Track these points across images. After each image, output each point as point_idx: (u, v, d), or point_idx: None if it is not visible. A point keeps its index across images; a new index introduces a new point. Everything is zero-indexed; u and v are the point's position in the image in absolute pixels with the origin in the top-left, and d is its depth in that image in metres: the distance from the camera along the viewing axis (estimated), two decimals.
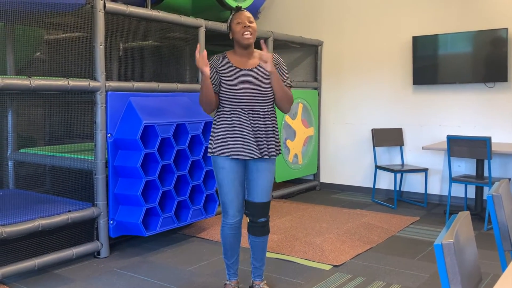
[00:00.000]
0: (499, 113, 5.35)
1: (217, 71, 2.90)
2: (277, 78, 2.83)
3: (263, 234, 3.00)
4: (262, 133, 2.87)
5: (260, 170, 2.91)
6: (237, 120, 2.85)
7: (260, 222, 2.96)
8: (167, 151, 3.96)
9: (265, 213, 2.97)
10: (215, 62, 2.92)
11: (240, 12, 2.89)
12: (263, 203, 2.94)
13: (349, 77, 6.33)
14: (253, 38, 2.87)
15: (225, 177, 2.89)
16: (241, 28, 2.84)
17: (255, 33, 2.87)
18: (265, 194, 2.94)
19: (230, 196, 2.91)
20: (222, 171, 2.89)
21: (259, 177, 2.91)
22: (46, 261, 3.44)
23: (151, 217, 3.91)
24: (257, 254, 3.05)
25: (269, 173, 2.94)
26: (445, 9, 5.61)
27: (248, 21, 2.85)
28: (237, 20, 2.86)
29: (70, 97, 4.15)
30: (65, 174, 4.05)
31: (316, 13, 6.56)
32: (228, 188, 2.90)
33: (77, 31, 4.32)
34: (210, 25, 4.67)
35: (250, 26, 2.84)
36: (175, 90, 4.33)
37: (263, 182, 2.92)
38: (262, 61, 2.72)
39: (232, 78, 2.86)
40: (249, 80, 2.86)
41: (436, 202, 5.76)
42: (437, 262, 1.41)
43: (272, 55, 2.95)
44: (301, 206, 5.48)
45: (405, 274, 3.49)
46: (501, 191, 2.11)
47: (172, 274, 3.50)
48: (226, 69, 2.88)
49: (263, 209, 2.95)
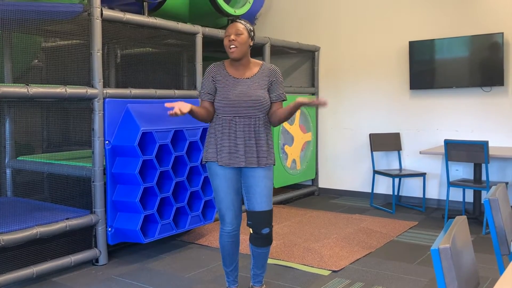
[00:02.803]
0: (496, 117, 5.36)
1: (213, 80, 2.91)
2: (295, 110, 2.85)
3: (267, 244, 2.95)
4: (253, 141, 2.86)
5: (256, 177, 2.88)
6: (227, 127, 2.86)
7: (263, 233, 2.90)
8: (165, 157, 3.96)
9: (268, 223, 2.91)
10: (212, 71, 2.93)
11: (231, 24, 2.88)
12: (265, 212, 2.88)
13: (346, 82, 6.34)
14: (239, 51, 2.83)
15: (219, 184, 2.89)
16: (227, 41, 2.85)
17: (241, 45, 2.83)
18: (265, 201, 2.89)
19: (226, 203, 2.90)
20: (216, 177, 2.90)
21: (256, 184, 2.88)
22: (44, 269, 3.43)
23: (150, 224, 3.90)
24: (259, 263, 3.03)
25: (267, 180, 2.91)
26: (441, 14, 5.64)
27: (235, 33, 2.82)
28: (226, 33, 2.87)
29: (68, 104, 4.15)
30: (63, 181, 4.05)
31: (313, 19, 6.59)
32: (223, 194, 2.89)
33: (74, 38, 4.33)
34: (207, 31, 4.69)
35: (236, 39, 2.81)
36: (172, 97, 4.34)
37: (261, 189, 2.88)
38: (320, 103, 2.75)
39: (227, 87, 2.87)
40: (243, 89, 2.86)
41: (434, 206, 5.76)
42: (434, 267, 1.41)
43: (271, 67, 2.96)
44: (300, 211, 5.48)
45: (404, 279, 3.49)
46: (498, 195, 2.12)
47: (171, 281, 3.50)
48: (222, 78, 2.90)
49: (265, 218, 2.88)
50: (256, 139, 2.88)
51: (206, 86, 2.92)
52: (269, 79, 2.92)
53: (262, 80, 2.90)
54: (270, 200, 2.92)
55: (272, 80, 2.92)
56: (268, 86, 2.92)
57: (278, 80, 2.94)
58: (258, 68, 2.93)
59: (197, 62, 4.64)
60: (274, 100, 2.93)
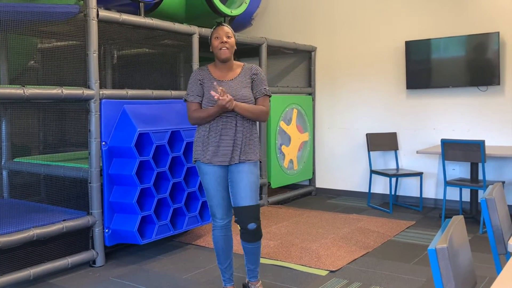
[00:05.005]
0: (492, 116, 5.37)
1: (201, 84, 3.03)
2: (241, 109, 2.92)
3: (256, 240, 3.01)
4: (239, 139, 2.96)
5: (241, 172, 2.95)
6: (214, 127, 2.97)
7: (250, 229, 2.95)
8: (162, 158, 3.95)
9: (254, 218, 2.95)
10: (198, 74, 3.05)
11: (220, 27, 3.00)
12: (250, 207, 2.93)
13: (343, 82, 6.35)
14: (230, 53, 2.98)
15: (209, 181, 3.00)
16: (218, 43, 2.97)
17: (232, 48, 2.99)
18: (249, 196, 2.94)
19: (216, 200, 3.02)
20: (205, 176, 3.01)
21: (240, 178, 2.94)
22: (41, 271, 3.42)
23: (147, 225, 3.90)
24: (251, 258, 3.09)
25: (251, 175, 2.97)
26: (437, 14, 5.65)
27: (226, 36, 2.96)
28: (215, 35, 2.99)
29: (64, 105, 4.14)
30: (59, 183, 4.03)
31: (309, 19, 6.59)
32: (213, 192, 3.00)
33: (70, 39, 4.32)
34: (203, 32, 4.68)
35: (227, 41, 2.95)
36: (169, 97, 4.34)
37: (245, 183, 2.93)
38: (219, 103, 2.85)
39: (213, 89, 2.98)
40: (229, 90, 2.97)
41: (431, 205, 5.77)
42: (431, 267, 1.42)
43: (252, 66, 3.10)
44: (297, 211, 5.48)
45: (401, 279, 3.50)
46: (494, 194, 2.12)
47: (168, 282, 3.49)
48: (208, 81, 3.02)
49: (250, 213, 2.93)
50: (242, 137, 2.98)
51: (195, 90, 3.03)
52: (251, 77, 3.05)
53: (245, 80, 3.04)
54: (255, 195, 2.98)
55: (253, 78, 3.05)
56: (251, 84, 3.05)
57: (259, 77, 3.07)
58: (240, 69, 3.07)
59: (193, 62, 4.64)
60: (257, 96, 3.04)
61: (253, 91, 3.03)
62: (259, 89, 3.04)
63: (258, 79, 3.05)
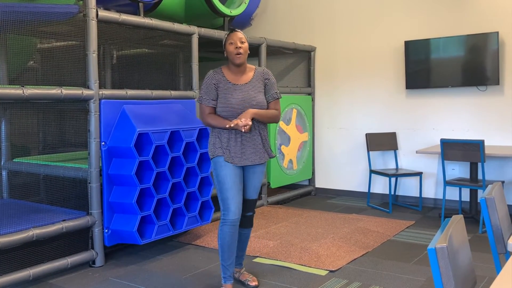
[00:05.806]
0: (492, 116, 5.38)
1: (215, 88, 3.14)
2: (260, 116, 3.11)
3: (249, 226, 3.36)
4: (257, 142, 3.17)
5: (256, 172, 3.23)
6: (233, 131, 3.11)
7: (248, 215, 3.31)
8: (162, 158, 3.95)
9: (253, 208, 3.35)
10: (213, 78, 3.16)
11: (234, 33, 3.15)
12: (253, 200, 3.31)
13: (343, 82, 6.35)
14: (244, 57, 3.14)
15: (227, 173, 3.11)
16: (233, 48, 3.12)
17: (246, 53, 3.15)
18: (256, 192, 3.31)
19: (232, 192, 3.12)
20: (224, 168, 3.12)
21: (254, 178, 3.24)
22: (41, 271, 3.42)
23: (146, 225, 3.90)
24: (242, 244, 3.38)
25: (262, 174, 3.30)
26: (437, 14, 5.65)
27: (240, 41, 3.12)
28: (230, 41, 3.14)
29: (64, 105, 4.13)
30: (59, 183, 4.03)
31: (309, 19, 6.59)
32: (231, 183, 3.11)
33: (70, 39, 4.32)
34: (203, 32, 4.68)
35: (241, 46, 3.11)
36: (169, 98, 4.34)
37: (256, 182, 3.26)
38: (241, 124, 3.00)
39: (228, 93, 3.13)
40: (242, 94, 3.12)
41: (431, 205, 5.77)
42: (431, 266, 1.42)
43: (263, 71, 3.27)
44: (297, 211, 5.48)
45: (401, 279, 3.50)
46: (494, 194, 2.13)
47: (168, 282, 3.49)
48: (222, 85, 3.15)
49: (252, 204, 3.33)
50: (261, 139, 3.20)
51: (210, 93, 3.15)
52: (264, 82, 3.22)
53: (258, 84, 3.19)
54: (258, 191, 3.34)
55: (265, 82, 3.23)
56: (263, 89, 3.21)
57: (270, 81, 3.25)
58: (253, 73, 3.22)
59: (193, 62, 4.64)
60: (269, 100, 3.23)
61: (265, 94, 3.21)
62: (271, 93, 3.23)
63: (270, 84, 3.23)
